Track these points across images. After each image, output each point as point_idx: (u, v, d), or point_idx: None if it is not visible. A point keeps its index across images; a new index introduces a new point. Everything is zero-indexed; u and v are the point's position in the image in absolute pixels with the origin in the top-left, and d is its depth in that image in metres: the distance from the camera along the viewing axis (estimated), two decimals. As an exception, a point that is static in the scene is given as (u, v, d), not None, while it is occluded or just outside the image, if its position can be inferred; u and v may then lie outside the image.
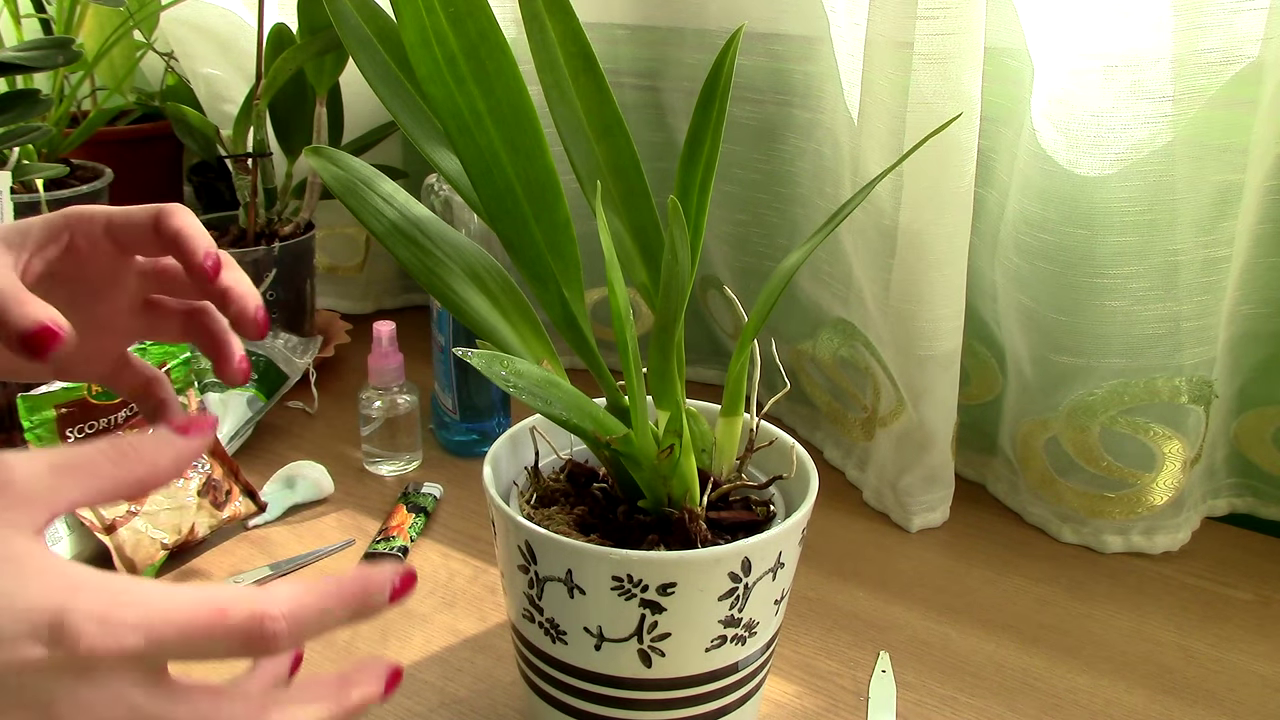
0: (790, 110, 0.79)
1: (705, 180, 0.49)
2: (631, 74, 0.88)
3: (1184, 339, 0.65)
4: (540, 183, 0.47)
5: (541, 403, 0.43)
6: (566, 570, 0.45)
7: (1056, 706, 0.57)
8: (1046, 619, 0.65)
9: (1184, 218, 0.62)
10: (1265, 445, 0.73)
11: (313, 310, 0.96)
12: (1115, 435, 0.68)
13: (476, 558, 0.70)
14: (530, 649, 0.49)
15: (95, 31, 1.07)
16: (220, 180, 1.17)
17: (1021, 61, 0.64)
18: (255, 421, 0.81)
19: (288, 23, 0.88)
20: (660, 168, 0.88)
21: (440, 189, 0.76)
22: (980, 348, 0.76)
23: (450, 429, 0.82)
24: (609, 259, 0.44)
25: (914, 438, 0.71)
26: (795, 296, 0.83)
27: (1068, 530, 0.72)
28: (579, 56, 0.50)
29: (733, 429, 0.51)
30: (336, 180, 0.49)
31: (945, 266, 0.66)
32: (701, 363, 0.95)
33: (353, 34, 0.50)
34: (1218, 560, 0.70)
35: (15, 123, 0.83)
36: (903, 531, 0.74)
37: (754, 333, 0.50)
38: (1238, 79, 0.58)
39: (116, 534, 0.64)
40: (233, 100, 1.00)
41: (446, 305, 0.50)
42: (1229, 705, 0.58)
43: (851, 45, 0.68)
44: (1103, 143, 0.61)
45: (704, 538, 0.47)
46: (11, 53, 0.79)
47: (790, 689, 0.58)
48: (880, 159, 0.66)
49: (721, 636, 0.46)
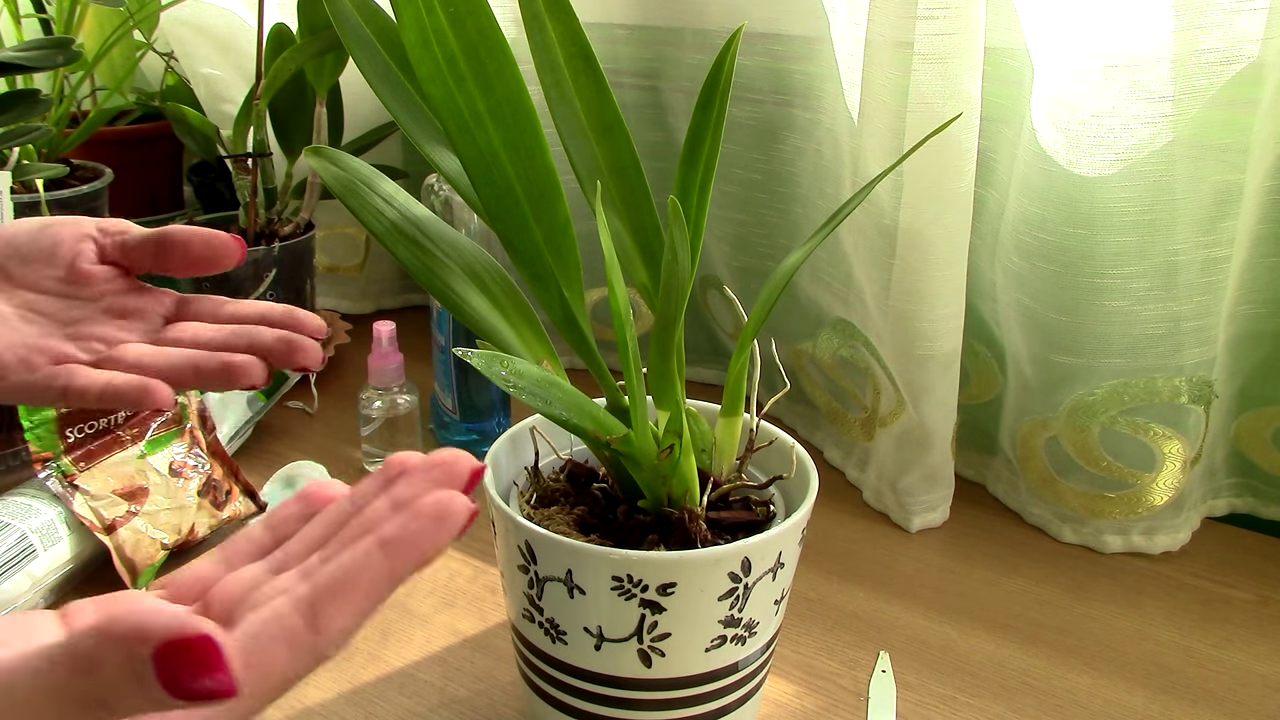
0: (790, 110, 0.79)
1: (705, 180, 0.49)
2: (631, 74, 0.88)
3: (1184, 339, 0.65)
4: (540, 183, 0.47)
5: (541, 403, 0.43)
6: (566, 570, 0.45)
7: (1056, 706, 0.57)
8: (1046, 619, 0.65)
9: (1184, 218, 0.62)
10: (1265, 445, 0.73)
11: (313, 310, 0.96)
12: (1115, 435, 0.68)
13: (476, 558, 0.70)
14: (530, 649, 0.49)
15: (95, 31, 1.07)
16: (220, 180, 1.17)
17: (1021, 61, 0.64)
18: (255, 421, 0.81)
19: (288, 23, 0.88)
20: (660, 168, 0.88)
21: (440, 189, 0.76)
22: (980, 348, 0.76)
23: (450, 429, 0.82)
24: (609, 259, 0.44)
25: (914, 438, 0.71)
26: (795, 296, 0.83)
27: (1068, 530, 0.72)
28: (579, 56, 0.50)
29: (733, 429, 0.51)
30: (336, 180, 0.49)
31: (945, 266, 0.66)
32: (701, 363, 0.95)
33: (353, 34, 0.50)
34: (1218, 560, 0.70)
35: (15, 123, 0.83)
36: (903, 531, 0.74)
37: (754, 333, 0.50)
38: (1238, 79, 0.58)
39: (116, 534, 0.64)
40: (233, 100, 1.00)
41: (446, 305, 0.50)
42: (1229, 705, 0.58)
43: (851, 45, 0.68)
44: (1103, 143, 0.61)
45: (704, 538, 0.47)
46: (11, 53, 0.79)
47: (790, 689, 0.58)
48: (880, 159, 0.66)
49: (721, 636, 0.46)
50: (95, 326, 0.47)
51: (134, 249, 0.49)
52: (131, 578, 0.64)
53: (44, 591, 0.62)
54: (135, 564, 0.65)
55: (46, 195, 0.97)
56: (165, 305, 0.49)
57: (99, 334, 0.47)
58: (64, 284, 0.48)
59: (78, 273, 0.48)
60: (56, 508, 0.64)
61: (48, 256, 0.48)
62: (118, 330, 0.47)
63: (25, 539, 0.62)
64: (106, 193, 1.06)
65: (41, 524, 0.63)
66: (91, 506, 0.65)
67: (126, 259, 0.49)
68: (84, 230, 0.49)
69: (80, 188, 1.02)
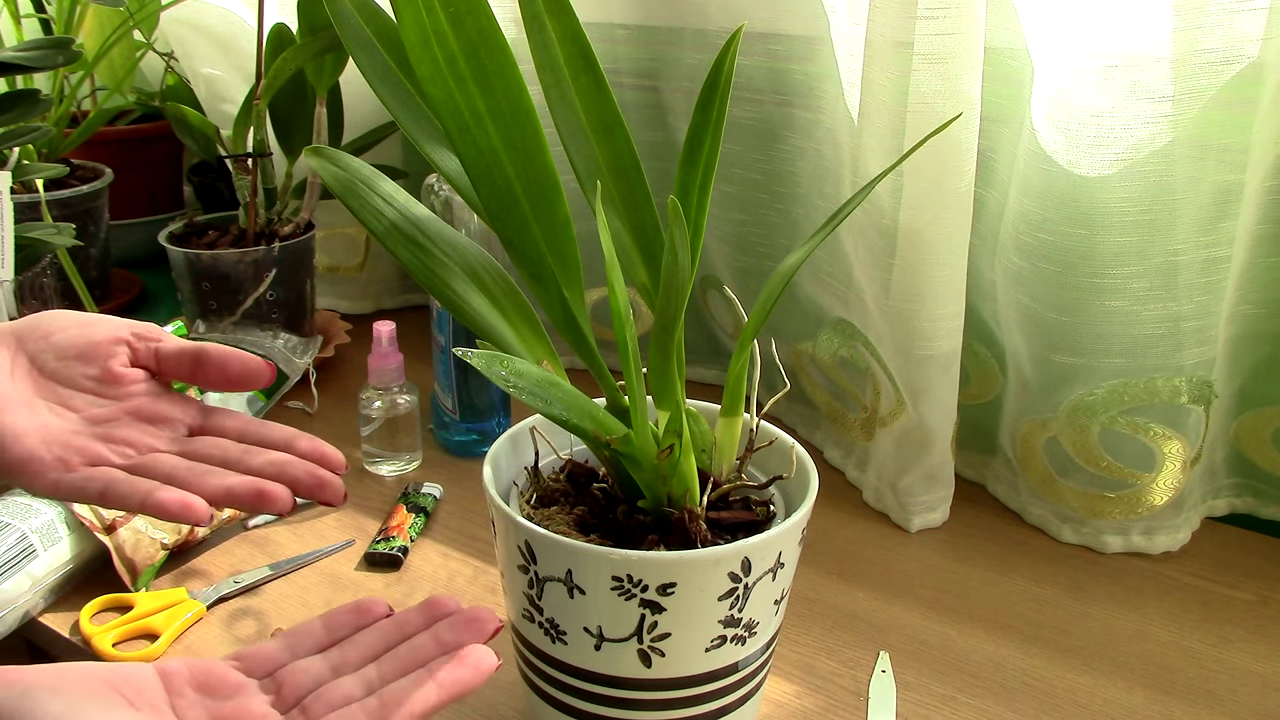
0: (790, 110, 0.79)
1: (705, 180, 0.49)
2: (631, 74, 0.88)
3: (1184, 339, 0.65)
4: (540, 183, 0.47)
5: (541, 403, 0.43)
6: (566, 570, 0.45)
7: (1056, 706, 0.57)
8: (1046, 619, 0.65)
9: (1184, 218, 0.62)
10: (1265, 445, 0.73)
11: (313, 310, 0.96)
12: (1115, 435, 0.68)
13: (476, 558, 0.70)
14: (530, 649, 0.49)
15: (95, 31, 1.07)
16: (220, 180, 1.17)
17: (1021, 61, 0.64)
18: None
19: (288, 23, 0.88)
20: (660, 168, 0.88)
21: (440, 189, 0.76)
22: (980, 348, 0.76)
23: (450, 429, 0.82)
24: (609, 259, 0.44)
25: (914, 438, 0.71)
26: (795, 296, 0.83)
27: (1068, 530, 0.72)
28: (579, 56, 0.50)
29: (733, 429, 0.51)
30: (336, 180, 0.49)
31: (945, 266, 0.66)
32: (701, 363, 0.95)
33: (353, 34, 0.50)
34: (1218, 560, 0.70)
35: (15, 123, 0.83)
36: (903, 531, 0.74)
37: (754, 333, 0.50)
38: (1238, 79, 0.58)
39: (116, 534, 0.64)
40: (233, 100, 1.00)
41: (446, 305, 0.50)
42: (1229, 705, 0.58)
43: (851, 45, 0.68)
44: (1103, 143, 0.61)
45: (704, 538, 0.47)
46: (11, 53, 0.79)
47: (790, 689, 0.58)
48: (880, 159, 0.66)
49: (721, 636, 0.46)
50: (124, 430, 0.48)
51: (169, 358, 0.50)
52: (131, 578, 0.64)
53: (44, 591, 0.62)
54: (135, 564, 0.65)
55: (46, 195, 0.97)
56: (191, 414, 0.50)
57: (128, 438, 0.48)
58: (97, 383, 0.49)
59: (111, 374, 0.49)
60: (56, 508, 0.64)
61: (83, 355, 0.49)
62: (144, 435, 0.48)
63: (25, 539, 0.62)
64: (106, 193, 1.06)
65: (41, 524, 0.63)
66: (91, 506, 0.65)
67: (160, 367, 0.50)
68: (119, 334, 0.50)
69: (80, 188, 1.02)
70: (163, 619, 0.62)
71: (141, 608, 0.62)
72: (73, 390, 0.48)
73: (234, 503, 0.46)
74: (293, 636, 0.45)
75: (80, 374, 0.49)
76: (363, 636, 0.45)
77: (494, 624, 0.44)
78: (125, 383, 0.49)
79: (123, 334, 0.50)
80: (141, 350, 0.50)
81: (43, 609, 0.63)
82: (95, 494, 0.45)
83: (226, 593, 0.65)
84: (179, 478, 0.46)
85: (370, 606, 0.47)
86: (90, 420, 0.48)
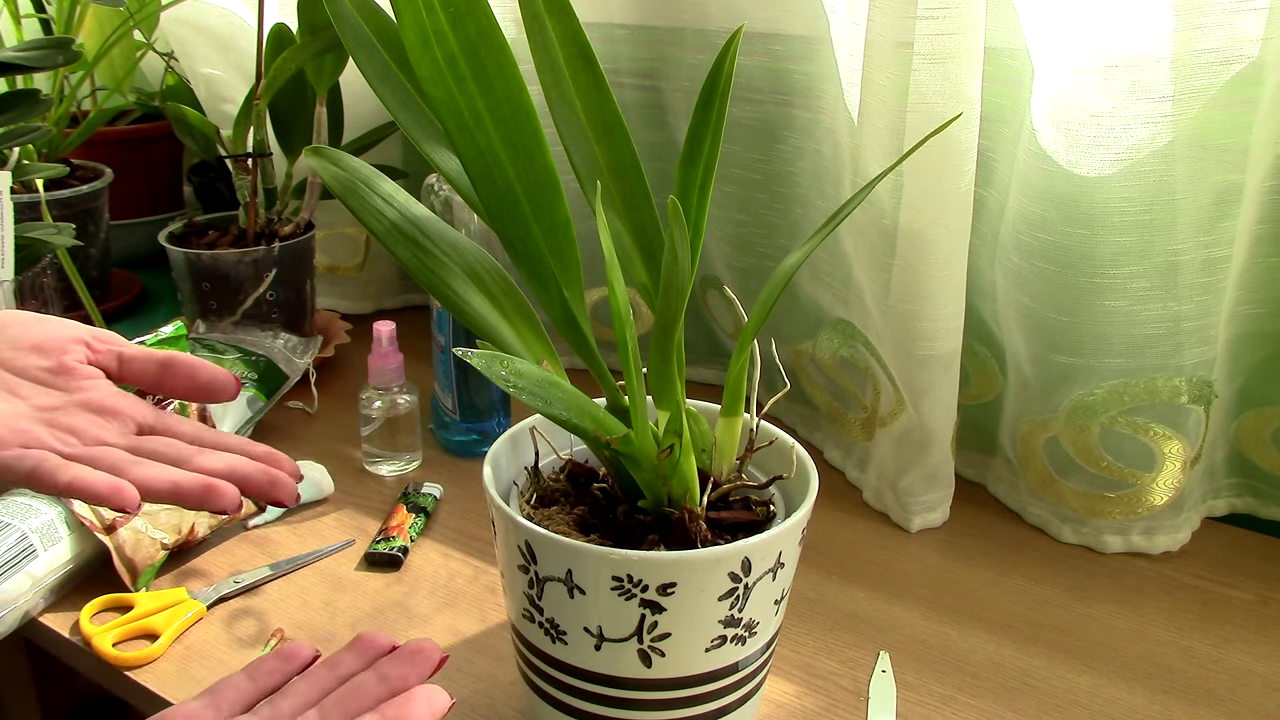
0: (790, 110, 0.79)
1: (705, 180, 0.49)
2: (631, 74, 0.88)
3: (1184, 339, 0.65)
4: (540, 183, 0.47)
5: (541, 403, 0.43)
6: (566, 570, 0.45)
7: (1056, 706, 0.57)
8: (1046, 619, 0.65)
9: (1184, 218, 0.62)
10: (1265, 445, 0.73)
11: (313, 310, 0.96)
12: (1115, 435, 0.68)
13: (476, 558, 0.70)
14: (530, 649, 0.49)
15: (95, 31, 1.07)
16: (220, 180, 1.17)
17: (1021, 61, 0.64)
18: (255, 421, 0.81)
19: (288, 23, 0.88)
20: (660, 168, 0.88)
21: (440, 189, 0.76)
22: (980, 348, 0.76)
23: (450, 429, 0.82)
24: (609, 259, 0.44)
25: (914, 438, 0.71)
26: (795, 296, 0.83)
27: (1068, 530, 0.72)
28: (579, 56, 0.50)
29: (733, 429, 0.51)
30: (336, 180, 0.49)
31: (945, 266, 0.66)
32: (701, 363, 0.95)
33: (353, 34, 0.50)
34: (1218, 560, 0.70)
35: (15, 123, 0.83)
36: (903, 531, 0.74)
37: (754, 333, 0.50)
38: (1238, 79, 0.58)
39: (116, 534, 0.64)
40: (233, 100, 1.00)
41: (446, 305, 0.50)
42: (1229, 705, 0.58)
43: (851, 45, 0.68)
44: (1103, 143, 0.61)
45: (704, 538, 0.47)
46: (11, 53, 0.79)
47: (790, 689, 0.58)
48: (880, 159, 0.66)
49: (721, 636, 0.46)
50: (70, 418, 0.46)
51: (133, 361, 0.50)
52: (131, 578, 0.64)
53: (44, 592, 0.62)
54: (135, 564, 0.65)
55: (46, 195, 0.97)
56: (143, 413, 0.48)
57: (74, 425, 0.46)
58: (50, 374, 0.48)
59: (64, 367, 0.48)
60: (56, 507, 0.64)
61: (38, 347, 0.49)
62: (91, 425, 0.46)
63: (25, 539, 0.62)
64: (106, 193, 1.06)
65: (41, 524, 0.63)
66: (91, 506, 0.65)
67: (122, 371, 0.50)
68: (78, 334, 0.50)
69: (80, 188, 1.02)
70: (163, 619, 0.62)
71: (141, 608, 0.62)
72: (23, 380, 0.48)
73: (180, 499, 0.44)
74: (214, 694, 0.43)
75: (33, 364, 0.48)
76: (295, 685, 0.43)
77: (438, 656, 0.43)
78: (79, 377, 0.48)
79: (81, 335, 0.50)
80: (102, 352, 0.50)
81: (43, 609, 0.63)
82: (23, 474, 0.43)
83: (227, 593, 0.65)
84: (122, 469, 0.44)
85: (296, 651, 0.45)
86: (36, 408, 0.47)
